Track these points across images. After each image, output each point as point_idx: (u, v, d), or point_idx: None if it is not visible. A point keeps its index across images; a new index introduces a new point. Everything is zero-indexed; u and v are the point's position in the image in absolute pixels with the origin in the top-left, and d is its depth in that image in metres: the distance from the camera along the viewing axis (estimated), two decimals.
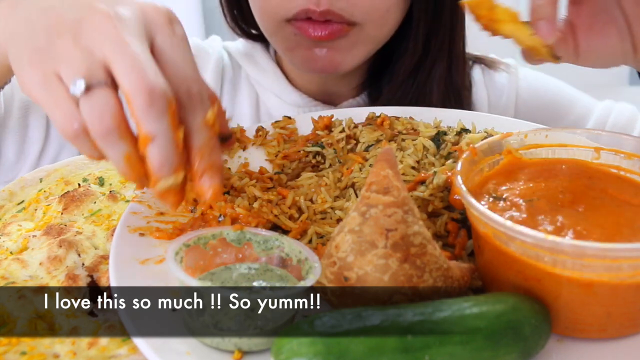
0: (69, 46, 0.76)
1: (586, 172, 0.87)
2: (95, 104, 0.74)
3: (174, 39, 0.80)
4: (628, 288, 0.71)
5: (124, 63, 0.74)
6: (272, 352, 0.65)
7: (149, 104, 0.73)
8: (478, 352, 0.66)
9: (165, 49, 0.79)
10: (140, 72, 0.73)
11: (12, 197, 1.07)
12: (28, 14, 0.81)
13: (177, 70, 0.78)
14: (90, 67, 0.74)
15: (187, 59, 0.81)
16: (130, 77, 0.73)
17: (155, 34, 0.79)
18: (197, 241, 0.78)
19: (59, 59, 0.76)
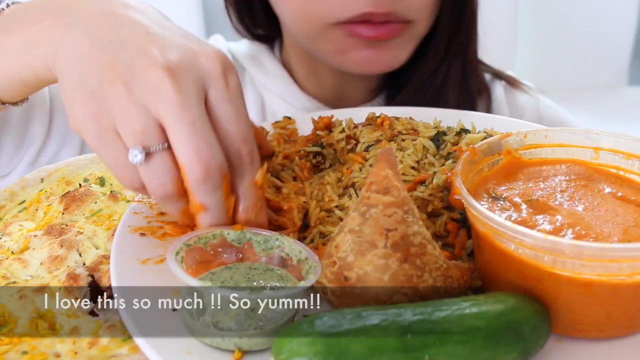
0: (123, 98, 0.75)
1: (585, 172, 0.88)
2: (154, 172, 0.76)
3: (228, 92, 0.79)
4: (627, 288, 0.71)
5: (181, 132, 0.74)
6: (272, 351, 0.65)
7: (204, 179, 0.75)
8: (478, 351, 0.66)
9: (219, 105, 0.78)
10: (198, 146, 0.74)
11: (13, 197, 1.07)
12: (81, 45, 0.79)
13: (231, 128, 0.79)
14: (146, 128, 0.75)
15: (240, 115, 0.80)
16: (187, 150, 0.74)
17: (209, 86, 0.78)
18: (198, 241, 0.78)
19: (113, 111, 0.75)
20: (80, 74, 0.78)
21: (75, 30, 0.81)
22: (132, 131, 0.75)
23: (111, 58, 0.77)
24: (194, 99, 0.76)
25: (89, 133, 0.77)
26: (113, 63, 0.76)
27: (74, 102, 0.78)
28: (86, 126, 0.77)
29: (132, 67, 0.76)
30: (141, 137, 0.75)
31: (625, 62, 3.85)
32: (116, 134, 0.77)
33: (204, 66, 0.78)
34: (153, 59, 0.76)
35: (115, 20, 0.81)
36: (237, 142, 0.79)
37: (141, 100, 0.75)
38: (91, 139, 0.78)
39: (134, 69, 0.76)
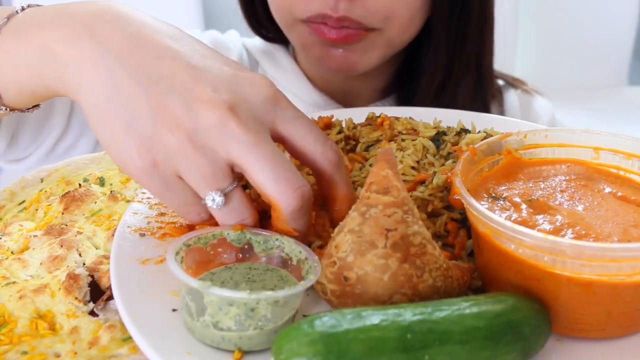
0: (186, 146, 0.71)
1: (585, 172, 0.88)
2: (233, 211, 0.76)
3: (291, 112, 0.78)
4: (627, 288, 0.71)
5: (264, 169, 0.73)
6: (272, 352, 0.65)
7: (300, 208, 0.75)
8: (477, 351, 0.66)
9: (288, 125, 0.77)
10: (286, 176, 0.73)
11: (13, 197, 1.07)
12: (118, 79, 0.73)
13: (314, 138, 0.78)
14: (217, 173, 0.73)
15: (310, 122, 0.80)
16: (278, 185, 0.73)
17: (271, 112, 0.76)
18: (198, 241, 0.78)
19: (176, 159, 0.72)
20: (128, 118, 0.73)
21: (107, 58, 0.75)
22: (202, 177, 0.73)
23: (160, 99, 0.72)
24: (263, 133, 0.74)
25: (152, 184, 0.75)
26: (165, 106, 0.72)
27: (126, 148, 0.73)
28: (147, 178, 0.74)
29: (187, 110, 0.72)
30: (213, 181, 0.73)
31: (625, 62, 3.85)
32: (179, 179, 0.75)
33: (261, 97, 0.76)
34: (208, 100, 0.72)
35: (150, 50, 0.75)
36: (324, 143, 0.79)
37: (207, 145, 0.72)
38: (154, 188, 0.76)
39: (189, 111, 0.72)
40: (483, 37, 1.40)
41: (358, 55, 1.29)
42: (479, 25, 1.37)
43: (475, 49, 1.39)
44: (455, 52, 1.38)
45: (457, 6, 1.33)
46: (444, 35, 1.35)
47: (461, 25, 1.35)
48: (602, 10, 3.69)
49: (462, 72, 1.40)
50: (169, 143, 0.72)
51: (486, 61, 1.44)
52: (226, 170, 0.74)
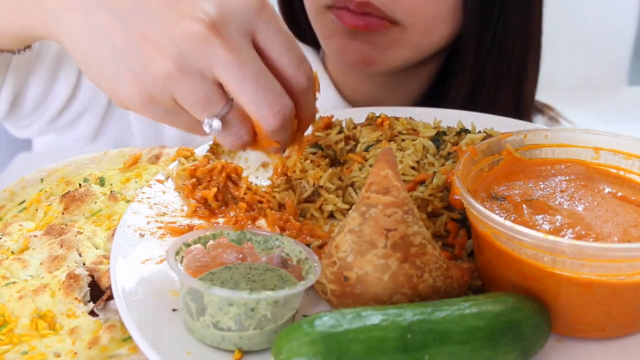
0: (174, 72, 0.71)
1: (585, 172, 0.88)
2: (231, 133, 0.77)
3: (274, 25, 0.77)
4: (627, 288, 0.71)
5: (247, 92, 0.73)
6: (272, 351, 0.65)
7: (281, 127, 0.76)
8: (477, 351, 0.66)
9: (270, 40, 0.76)
10: (268, 100, 0.74)
11: (13, 197, 1.07)
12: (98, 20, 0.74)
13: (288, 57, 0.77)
14: (208, 95, 0.73)
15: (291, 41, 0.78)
16: (259, 107, 0.74)
17: (254, 26, 0.75)
18: (198, 241, 0.78)
19: (169, 88, 0.73)
20: (112, 56, 0.73)
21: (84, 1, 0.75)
22: (197, 102, 0.73)
23: (139, 29, 0.72)
24: (247, 51, 0.74)
25: (154, 114, 0.76)
26: (144, 34, 0.72)
27: (120, 87, 0.74)
28: (149, 110, 0.75)
29: (170, 37, 0.71)
30: (206, 105, 0.74)
31: (625, 62, 3.85)
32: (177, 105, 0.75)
33: (242, 6, 0.75)
34: (189, 21, 0.71)
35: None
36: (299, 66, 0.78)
37: (194, 69, 0.72)
38: (158, 118, 0.77)
39: (173, 36, 0.71)
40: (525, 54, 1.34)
41: (378, 51, 1.27)
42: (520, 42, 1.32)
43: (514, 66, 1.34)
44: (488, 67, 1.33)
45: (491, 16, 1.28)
46: (474, 45, 1.30)
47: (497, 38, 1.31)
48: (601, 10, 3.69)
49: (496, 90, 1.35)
50: (158, 73, 0.72)
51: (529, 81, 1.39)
52: (217, 92, 0.74)
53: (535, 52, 1.38)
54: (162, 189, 0.98)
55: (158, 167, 1.09)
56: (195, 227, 0.91)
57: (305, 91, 0.79)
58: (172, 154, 1.10)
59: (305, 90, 0.79)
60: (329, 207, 0.96)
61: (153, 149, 1.14)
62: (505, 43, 1.31)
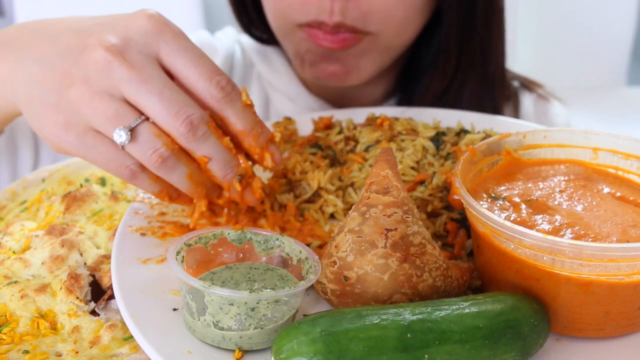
0: (84, 95, 0.78)
1: (584, 173, 0.88)
2: (143, 143, 0.79)
3: (176, 43, 0.81)
4: (626, 287, 0.71)
5: (153, 105, 0.77)
6: (272, 351, 0.66)
7: (193, 134, 0.79)
8: (477, 351, 0.66)
9: (175, 57, 0.81)
10: (174, 109, 0.78)
11: (15, 197, 1.07)
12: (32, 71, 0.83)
13: (197, 72, 0.81)
14: (118, 111, 0.78)
15: (198, 56, 0.82)
16: (166, 118, 0.78)
17: (157, 46, 0.81)
18: (199, 241, 0.78)
19: (82, 112, 0.78)
20: (39, 95, 0.81)
21: (25, 60, 0.84)
22: (107, 119, 0.78)
23: (61, 70, 0.80)
24: (148, 68, 0.78)
25: (71, 144, 0.80)
26: (63, 72, 0.80)
27: (44, 124, 0.81)
28: (65, 140, 0.80)
29: (79, 65, 0.79)
30: (117, 120, 0.78)
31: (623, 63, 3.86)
32: (95, 132, 0.79)
33: (141, 30, 0.80)
34: (92, 48, 0.78)
35: (52, 37, 0.84)
36: (208, 78, 0.81)
37: (102, 89, 0.77)
38: (75, 149, 0.81)
39: (81, 65, 0.78)
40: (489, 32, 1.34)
41: (352, 62, 1.25)
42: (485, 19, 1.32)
43: (480, 46, 1.34)
44: (462, 50, 1.33)
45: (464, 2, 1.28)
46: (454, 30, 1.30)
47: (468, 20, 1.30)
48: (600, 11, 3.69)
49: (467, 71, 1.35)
50: (71, 99, 0.79)
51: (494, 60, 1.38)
52: (127, 107, 0.78)
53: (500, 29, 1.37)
54: None
55: None
56: (196, 227, 0.92)
57: (222, 101, 0.82)
58: None
59: (222, 100, 0.82)
60: (330, 209, 0.97)
61: None
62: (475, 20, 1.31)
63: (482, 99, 1.36)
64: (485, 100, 1.37)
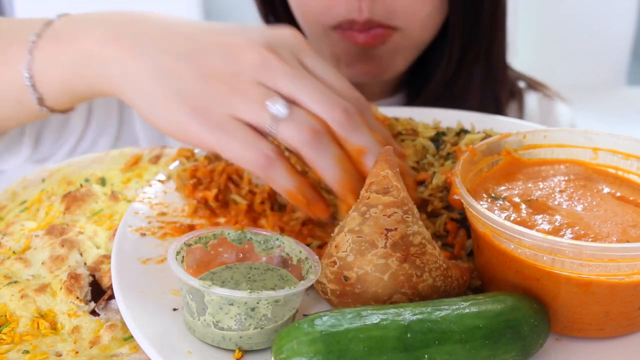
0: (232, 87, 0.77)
1: (584, 173, 0.88)
2: (298, 119, 0.78)
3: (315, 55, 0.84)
4: (626, 287, 0.71)
5: (310, 94, 0.78)
6: (272, 351, 0.66)
7: (350, 121, 0.79)
8: (477, 351, 0.66)
9: (317, 68, 0.83)
10: (329, 97, 0.79)
11: (15, 197, 1.07)
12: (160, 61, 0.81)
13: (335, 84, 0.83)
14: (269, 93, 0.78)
15: (335, 71, 0.85)
16: (324, 105, 0.79)
17: (300, 55, 0.83)
18: (198, 241, 0.78)
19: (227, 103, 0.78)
20: (177, 89, 0.79)
21: (147, 48, 0.82)
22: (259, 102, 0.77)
23: (201, 62, 0.79)
24: (300, 68, 0.80)
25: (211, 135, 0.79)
26: (206, 65, 0.79)
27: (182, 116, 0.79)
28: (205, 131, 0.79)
29: (228, 61, 0.78)
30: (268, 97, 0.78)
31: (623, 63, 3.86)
32: (235, 120, 0.78)
33: (287, 39, 0.83)
34: (245, 45, 0.79)
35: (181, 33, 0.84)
36: (345, 94, 0.83)
37: (255, 81, 0.78)
38: (214, 138, 0.79)
39: (231, 61, 0.78)
40: (493, 28, 1.39)
41: (386, 59, 1.32)
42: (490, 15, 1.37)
43: (485, 40, 1.39)
44: (468, 45, 1.39)
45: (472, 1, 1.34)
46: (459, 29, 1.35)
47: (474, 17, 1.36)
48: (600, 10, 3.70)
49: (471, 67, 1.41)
50: (219, 91, 0.78)
51: (497, 53, 1.43)
52: (278, 97, 0.78)
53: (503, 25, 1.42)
54: (163, 189, 0.99)
55: (159, 168, 1.09)
56: (196, 227, 0.92)
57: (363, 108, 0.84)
58: (172, 154, 1.11)
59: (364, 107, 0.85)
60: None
61: (154, 149, 1.14)
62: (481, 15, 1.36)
63: (485, 96, 1.41)
64: (488, 96, 1.40)
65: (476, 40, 1.38)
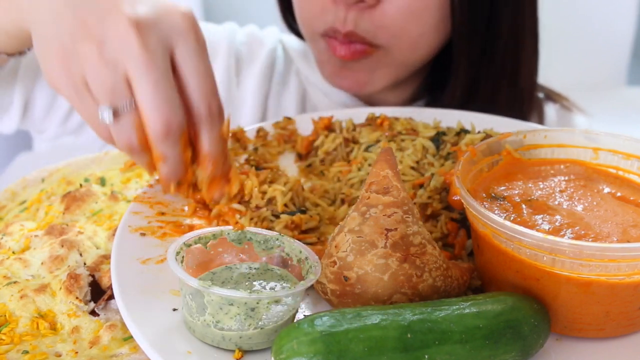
0: (93, 54, 0.79)
1: (584, 173, 0.88)
2: (121, 129, 0.82)
3: (195, 48, 0.83)
4: (626, 287, 0.71)
5: (145, 91, 0.79)
6: (272, 351, 0.66)
7: (165, 135, 0.81)
8: (477, 351, 0.66)
9: (185, 60, 0.83)
10: (159, 104, 0.80)
11: (15, 197, 1.07)
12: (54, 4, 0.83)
13: (198, 83, 0.83)
14: (115, 86, 0.79)
15: (206, 69, 0.84)
16: (150, 108, 0.80)
17: (176, 42, 0.82)
18: (198, 241, 0.78)
19: (86, 68, 0.80)
20: (54, 32, 0.82)
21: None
22: (102, 88, 0.79)
23: (83, 15, 0.80)
24: (158, 56, 0.80)
25: (65, 88, 0.82)
26: (85, 20, 0.80)
27: (49, 59, 0.82)
28: (61, 82, 0.82)
29: (102, 23, 0.80)
30: (110, 94, 0.80)
31: (624, 63, 3.85)
32: (88, 87, 0.81)
33: (172, 21, 0.82)
34: (121, 14, 0.79)
35: None
36: (203, 95, 0.84)
37: (110, 56, 0.79)
38: (68, 94, 0.83)
39: (103, 24, 0.80)
40: (518, 52, 1.37)
41: (366, 74, 1.31)
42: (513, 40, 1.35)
43: (508, 64, 1.37)
44: (482, 66, 1.36)
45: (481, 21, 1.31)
46: (465, 50, 1.33)
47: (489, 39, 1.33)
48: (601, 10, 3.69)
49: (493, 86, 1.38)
50: (81, 51, 0.80)
51: (524, 77, 1.41)
52: (123, 86, 0.80)
53: (530, 47, 1.40)
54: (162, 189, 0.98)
55: None
56: (196, 227, 0.91)
57: (203, 120, 0.85)
58: None
59: (204, 119, 0.85)
60: None
61: None
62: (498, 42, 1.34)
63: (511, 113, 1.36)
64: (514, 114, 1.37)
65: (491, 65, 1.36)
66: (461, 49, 1.32)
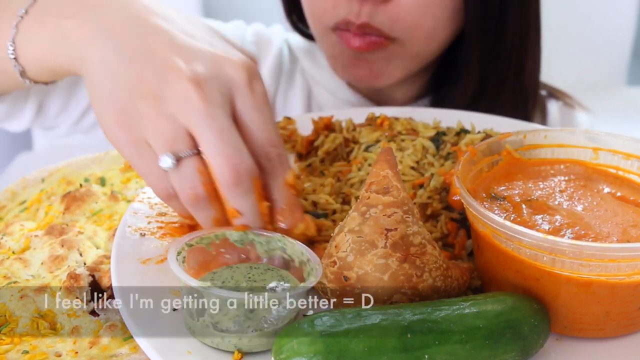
0: (152, 111, 0.77)
1: (584, 173, 0.88)
2: (185, 176, 0.78)
3: (255, 100, 0.82)
4: (626, 287, 0.71)
5: (209, 139, 0.77)
6: (272, 351, 0.66)
7: (236, 184, 0.77)
8: (477, 351, 0.66)
9: (246, 112, 0.81)
10: (226, 151, 0.77)
11: (15, 197, 1.07)
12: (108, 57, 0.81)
13: (259, 134, 0.81)
14: (176, 137, 0.77)
15: (268, 120, 0.83)
16: (218, 156, 0.77)
17: (235, 95, 0.81)
18: (200, 241, 0.78)
19: (145, 125, 0.78)
20: (110, 89, 0.80)
21: (102, 39, 0.83)
22: (163, 139, 0.77)
23: (139, 72, 0.79)
24: (220, 108, 0.78)
25: (123, 145, 0.80)
26: (141, 77, 0.79)
27: (107, 116, 0.80)
28: (120, 139, 0.80)
29: (159, 80, 0.78)
30: (171, 144, 0.77)
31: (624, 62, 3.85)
32: (148, 145, 0.79)
33: (229, 75, 0.81)
34: (179, 71, 0.78)
35: (140, 29, 0.83)
36: (265, 146, 0.81)
37: (170, 112, 0.77)
38: (125, 150, 0.80)
39: (161, 81, 0.78)
40: (524, 49, 1.37)
41: (381, 66, 1.31)
42: (519, 37, 1.35)
43: (514, 61, 1.37)
44: (491, 62, 1.36)
45: (492, 16, 1.31)
46: (477, 44, 1.33)
47: (498, 35, 1.33)
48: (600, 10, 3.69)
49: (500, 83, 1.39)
50: (140, 109, 0.78)
51: (528, 74, 1.42)
52: (184, 136, 0.78)
53: (534, 44, 1.40)
54: None
55: None
56: (196, 227, 0.91)
57: (272, 166, 0.82)
58: None
59: (272, 165, 0.82)
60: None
61: None
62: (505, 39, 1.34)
63: (515, 110, 1.37)
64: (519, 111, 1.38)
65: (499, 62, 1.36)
66: (474, 43, 1.32)
